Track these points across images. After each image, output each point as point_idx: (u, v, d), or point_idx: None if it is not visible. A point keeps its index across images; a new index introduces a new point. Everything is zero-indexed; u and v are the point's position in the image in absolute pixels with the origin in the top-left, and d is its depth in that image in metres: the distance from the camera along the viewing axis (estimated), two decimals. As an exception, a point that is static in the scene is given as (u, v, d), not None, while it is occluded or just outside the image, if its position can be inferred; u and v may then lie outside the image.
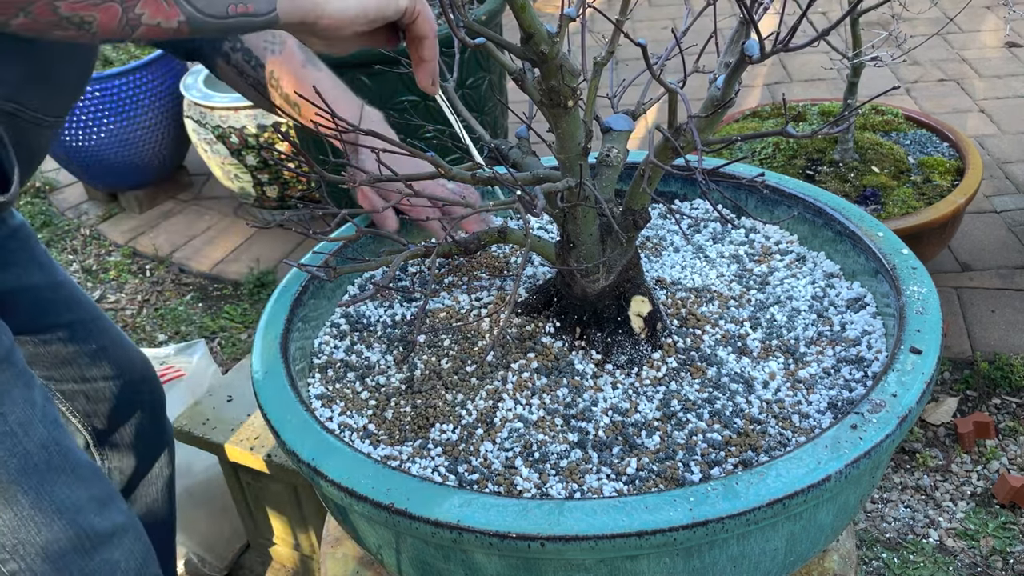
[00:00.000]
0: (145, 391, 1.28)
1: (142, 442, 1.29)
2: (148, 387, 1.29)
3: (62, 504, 0.92)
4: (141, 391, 1.27)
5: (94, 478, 0.97)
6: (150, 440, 1.30)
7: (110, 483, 1.01)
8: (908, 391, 0.73)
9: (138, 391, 1.26)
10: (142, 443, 1.29)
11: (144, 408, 1.28)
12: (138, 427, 1.28)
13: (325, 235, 0.83)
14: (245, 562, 1.71)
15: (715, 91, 0.71)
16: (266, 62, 1.04)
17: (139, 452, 1.28)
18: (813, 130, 0.66)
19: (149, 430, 1.30)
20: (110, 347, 1.22)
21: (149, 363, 1.30)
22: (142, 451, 1.29)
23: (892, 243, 0.93)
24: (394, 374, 0.91)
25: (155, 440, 1.31)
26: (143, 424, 1.29)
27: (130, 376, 1.24)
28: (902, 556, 1.58)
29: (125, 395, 1.24)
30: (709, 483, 0.67)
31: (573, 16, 0.69)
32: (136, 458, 1.28)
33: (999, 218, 2.36)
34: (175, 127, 2.77)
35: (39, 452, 0.91)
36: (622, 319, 0.88)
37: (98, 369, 1.20)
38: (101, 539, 0.95)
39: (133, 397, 1.26)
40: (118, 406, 1.24)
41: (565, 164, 0.81)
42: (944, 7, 3.31)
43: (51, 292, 1.13)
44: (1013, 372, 1.89)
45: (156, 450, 1.32)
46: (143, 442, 1.29)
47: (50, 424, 0.94)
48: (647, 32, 3.70)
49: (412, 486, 0.70)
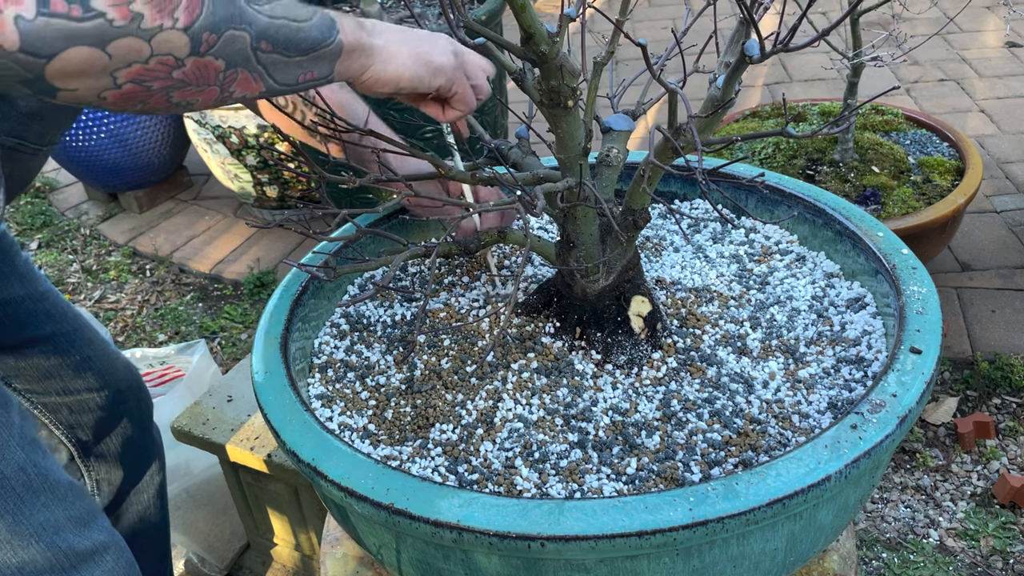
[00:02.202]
0: (131, 400, 1.26)
1: (130, 452, 1.27)
2: (134, 396, 1.27)
3: (40, 526, 0.92)
4: (126, 400, 1.25)
5: (74, 497, 0.97)
6: (138, 449, 1.29)
7: (92, 500, 1.00)
8: (908, 391, 0.73)
9: (123, 400, 1.24)
10: (130, 453, 1.27)
11: (130, 417, 1.27)
12: (124, 437, 1.26)
13: (325, 235, 0.83)
14: (245, 562, 1.71)
15: (715, 91, 0.71)
16: None
17: (127, 462, 1.27)
18: (813, 130, 0.66)
19: (136, 439, 1.28)
20: (94, 358, 1.20)
21: (135, 371, 1.28)
22: (130, 461, 1.27)
23: (892, 243, 0.93)
24: (394, 374, 0.91)
25: (143, 449, 1.29)
26: (130, 434, 1.27)
27: (115, 386, 1.23)
28: (902, 556, 1.58)
29: (110, 406, 1.22)
30: (709, 483, 0.67)
31: (573, 16, 0.69)
32: (124, 468, 1.26)
33: (999, 218, 2.36)
34: (175, 127, 2.77)
35: (16, 475, 0.91)
36: (622, 319, 0.88)
37: (82, 381, 1.18)
38: (81, 558, 0.95)
39: (118, 407, 1.24)
40: (103, 417, 1.22)
41: (565, 164, 0.81)
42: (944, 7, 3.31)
43: (32, 304, 1.11)
44: (1013, 372, 1.89)
45: (145, 459, 1.30)
46: (131, 452, 1.27)
47: (27, 445, 0.93)
48: (647, 32, 3.70)
49: (412, 486, 0.70)
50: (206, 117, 2.48)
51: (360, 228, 0.80)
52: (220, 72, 0.70)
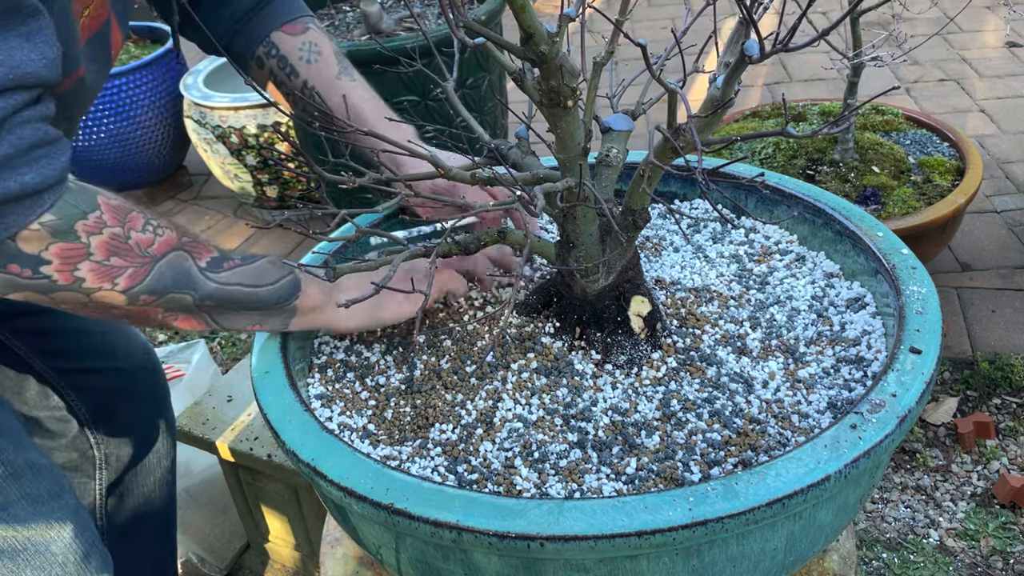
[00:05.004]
0: (145, 381, 1.28)
1: (139, 432, 1.29)
2: (148, 377, 1.29)
3: None
4: (140, 380, 1.27)
5: (32, 475, 0.97)
6: (148, 431, 1.30)
7: (57, 479, 1.01)
8: (908, 391, 0.73)
9: (137, 380, 1.26)
10: (139, 433, 1.29)
11: (144, 397, 1.29)
12: (136, 416, 1.28)
13: (325, 235, 0.83)
14: (245, 562, 1.71)
15: (715, 91, 0.71)
16: (300, 71, 1.04)
17: (136, 441, 1.28)
18: (813, 130, 0.66)
19: (148, 420, 1.30)
20: (109, 334, 1.23)
21: (152, 354, 1.30)
22: (139, 441, 1.29)
23: (892, 243, 0.93)
24: (394, 374, 0.91)
25: (153, 431, 1.31)
26: (141, 413, 1.29)
27: (130, 364, 1.25)
28: (902, 556, 1.58)
29: (124, 383, 1.24)
30: (708, 483, 0.67)
31: (573, 16, 0.68)
32: (132, 446, 1.28)
33: (999, 218, 2.36)
34: (175, 127, 2.77)
35: None
36: (622, 319, 0.88)
37: (97, 355, 1.21)
38: (33, 533, 0.96)
39: (132, 386, 1.26)
40: (116, 394, 1.24)
41: (565, 164, 0.81)
42: (944, 7, 3.31)
43: None
44: (1013, 372, 1.89)
45: (154, 441, 1.31)
46: (141, 432, 1.29)
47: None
48: (647, 32, 3.70)
49: (412, 486, 0.70)
50: (206, 117, 2.48)
51: (360, 228, 0.80)
52: (159, 314, 0.80)
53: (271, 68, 1.05)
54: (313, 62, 1.04)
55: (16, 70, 0.67)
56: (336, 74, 1.04)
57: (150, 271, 0.76)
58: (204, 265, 0.80)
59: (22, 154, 0.68)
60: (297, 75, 1.04)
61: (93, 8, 0.81)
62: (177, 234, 0.80)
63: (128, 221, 0.76)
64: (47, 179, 0.70)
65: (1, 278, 0.72)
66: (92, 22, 0.82)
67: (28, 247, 0.71)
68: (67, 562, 0.97)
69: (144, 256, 0.76)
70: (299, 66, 1.04)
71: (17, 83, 0.68)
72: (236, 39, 1.05)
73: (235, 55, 1.06)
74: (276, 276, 0.85)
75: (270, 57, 1.04)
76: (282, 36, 1.04)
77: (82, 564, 0.99)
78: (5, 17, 0.67)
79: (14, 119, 0.68)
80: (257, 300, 0.83)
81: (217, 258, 0.82)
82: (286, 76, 1.05)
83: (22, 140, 0.68)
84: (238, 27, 1.04)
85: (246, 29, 1.04)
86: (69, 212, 0.72)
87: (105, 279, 0.75)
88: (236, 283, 0.82)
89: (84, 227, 0.73)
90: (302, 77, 1.04)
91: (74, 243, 0.72)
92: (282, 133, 0.75)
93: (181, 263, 0.79)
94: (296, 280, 0.86)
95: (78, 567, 0.98)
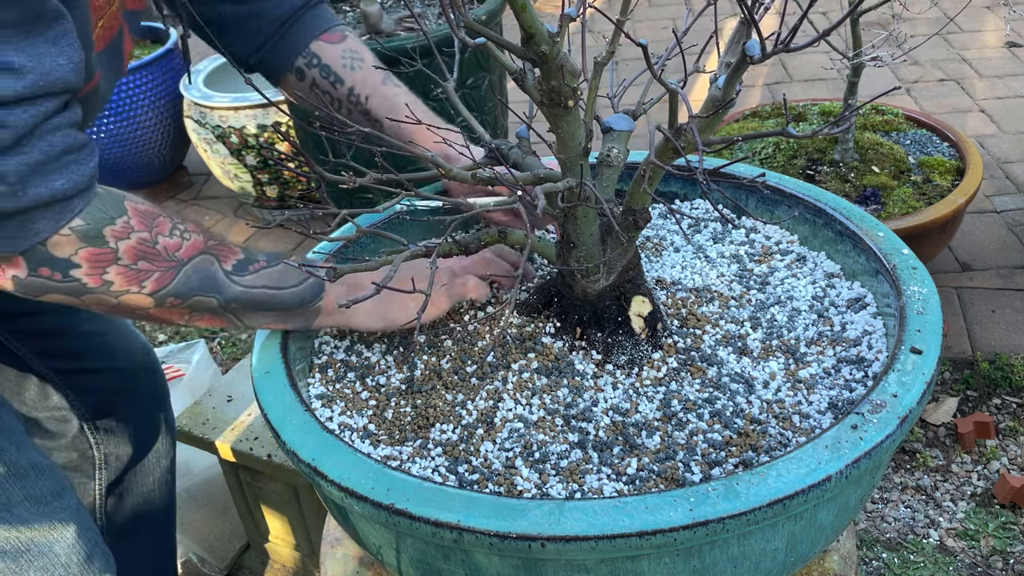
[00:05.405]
0: (144, 380, 1.28)
1: (139, 432, 1.29)
2: (148, 377, 1.29)
3: None
4: (140, 380, 1.27)
5: (35, 476, 0.98)
6: (148, 431, 1.31)
7: (60, 480, 1.00)
8: (908, 391, 0.73)
9: (137, 380, 1.27)
10: (139, 433, 1.29)
11: (143, 397, 1.29)
12: (135, 416, 1.28)
13: (325, 235, 0.83)
14: (245, 562, 1.71)
15: (716, 91, 0.71)
16: (346, 79, 1.05)
17: (136, 441, 1.28)
18: (813, 130, 0.66)
19: (147, 420, 1.30)
20: (109, 334, 1.23)
21: (152, 354, 1.30)
22: (139, 440, 1.29)
23: (892, 243, 0.93)
24: (394, 374, 0.91)
25: (153, 430, 1.31)
26: (141, 413, 1.29)
27: (130, 364, 1.25)
28: (902, 556, 1.58)
29: (124, 383, 1.25)
30: (709, 483, 0.67)
31: (573, 16, 0.68)
32: (132, 446, 1.28)
33: (999, 218, 2.36)
34: (175, 127, 2.77)
35: None
36: (622, 319, 0.88)
37: (97, 354, 1.21)
38: (36, 534, 0.95)
39: (132, 386, 1.26)
40: (116, 393, 1.24)
41: (565, 164, 0.81)
42: (944, 7, 3.31)
43: None
44: (1013, 372, 1.89)
45: (154, 441, 1.32)
46: (140, 432, 1.29)
47: None
48: (647, 32, 3.70)
49: (412, 486, 0.70)
50: (206, 117, 2.48)
51: (360, 228, 0.80)
52: (185, 315, 0.82)
53: (313, 78, 1.05)
54: (357, 69, 1.05)
55: (46, 76, 0.68)
56: (382, 80, 1.06)
57: (176, 275, 0.78)
58: (230, 268, 0.82)
59: (53, 160, 0.69)
60: (343, 83, 1.05)
61: (107, 19, 0.82)
62: (204, 238, 0.81)
63: (156, 226, 0.77)
64: (77, 185, 0.71)
65: (32, 281, 0.73)
66: (106, 32, 0.83)
67: (58, 251, 0.72)
68: (70, 563, 0.97)
69: (171, 260, 0.78)
70: (344, 74, 1.05)
71: (47, 90, 0.68)
72: (272, 53, 1.05)
73: (268, 69, 1.07)
74: (300, 278, 0.86)
75: (311, 67, 1.05)
76: (322, 45, 1.05)
77: (85, 565, 0.99)
78: (30, 23, 0.67)
79: (45, 126, 0.69)
80: (280, 302, 0.85)
81: (243, 260, 0.83)
82: (330, 84, 1.05)
83: (53, 147, 0.69)
84: (272, 41, 1.05)
85: (282, 42, 1.05)
86: (98, 217, 0.73)
87: (133, 282, 0.76)
88: (261, 286, 0.84)
89: (112, 232, 0.74)
90: (348, 84, 1.05)
91: (103, 248, 0.74)
92: (282, 133, 0.76)
93: (207, 267, 0.80)
94: (320, 281, 0.87)
95: (81, 568, 0.98)
